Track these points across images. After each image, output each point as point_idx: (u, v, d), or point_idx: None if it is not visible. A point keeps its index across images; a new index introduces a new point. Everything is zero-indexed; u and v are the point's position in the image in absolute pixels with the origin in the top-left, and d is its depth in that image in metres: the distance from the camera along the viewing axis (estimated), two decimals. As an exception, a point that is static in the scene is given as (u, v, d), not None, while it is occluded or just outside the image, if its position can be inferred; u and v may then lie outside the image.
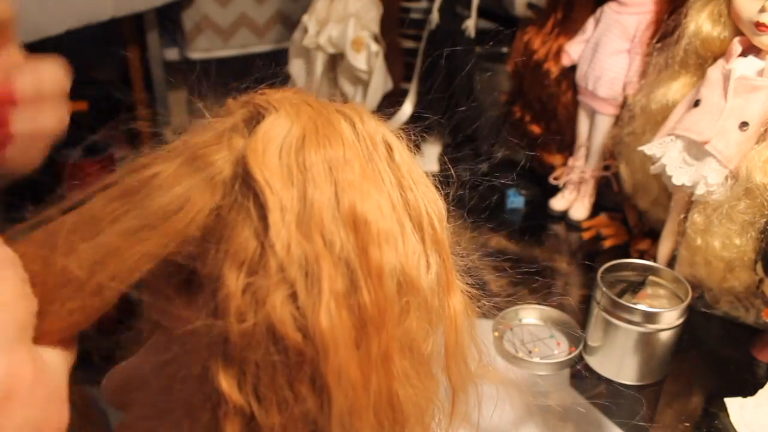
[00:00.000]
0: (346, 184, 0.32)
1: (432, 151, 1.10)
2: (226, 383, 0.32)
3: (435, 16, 1.08)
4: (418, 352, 0.35)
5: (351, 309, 0.32)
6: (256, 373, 0.32)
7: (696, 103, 0.75)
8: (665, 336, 0.70)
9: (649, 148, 0.78)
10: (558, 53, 0.98)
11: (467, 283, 0.40)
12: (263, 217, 0.31)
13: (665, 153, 0.76)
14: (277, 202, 0.31)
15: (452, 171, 0.43)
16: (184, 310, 0.33)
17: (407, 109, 1.12)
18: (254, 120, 0.34)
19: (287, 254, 0.31)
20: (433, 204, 0.36)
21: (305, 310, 0.31)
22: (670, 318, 0.70)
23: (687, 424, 0.69)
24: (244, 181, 0.32)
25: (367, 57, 1.11)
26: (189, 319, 0.32)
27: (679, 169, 0.75)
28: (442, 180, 0.39)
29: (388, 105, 1.14)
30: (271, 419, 0.32)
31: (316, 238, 0.31)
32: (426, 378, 0.36)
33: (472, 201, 0.43)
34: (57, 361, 0.33)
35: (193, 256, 0.32)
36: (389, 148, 0.35)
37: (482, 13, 1.12)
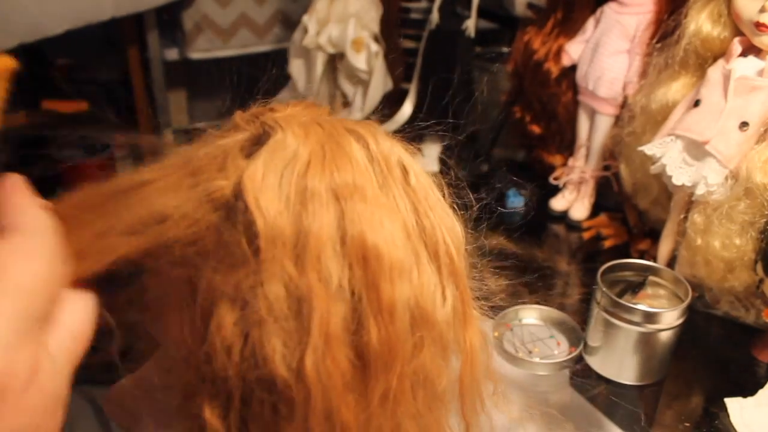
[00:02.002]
0: (354, 214, 0.30)
1: (432, 151, 1.10)
2: (209, 412, 0.30)
3: (435, 16, 1.08)
4: (432, 387, 0.33)
5: (352, 348, 0.30)
6: (241, 407, 0.30)
7: (696, 103, 0.75)
8: (665, 336, 0.70)
9: (649, 148, 0.78)
10: (558, 53, 0.98)
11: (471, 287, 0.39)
12: (256, 248, 0.29)
13: (665, 153, 0.76)
14: (269, 233, 0.29)
15: (453, 171, 0.42)
16: (178, 331, 0.32)
17: (407, 109, 1.12)
18: (260, 140, 0.32)
19: (277, 289, 0.29)
20: (450, 231, 0.34)
21: (293, 349, 0.29)
22: (670, 318, 0.69)
23: (687, 424, 0.69)
24: (239, 207, 0.30)
25: (367, 57, 1.11)
26: (181, 333, 0.31)
27: (679, 169, 0.75)
28: (444, 180, 0.38)
29: (388, 105, 1.14)
30: None
31: (311, 274, 0.29)
32: (438, 412, 0.34)
33: (472, 201, 0.43)
34: (62, 359, 0.29)
35: (190, 276, 0.31)
36: (405, 171, 0.33)
37: (482, 13, 1.12)
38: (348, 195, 0.30)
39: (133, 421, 0.37)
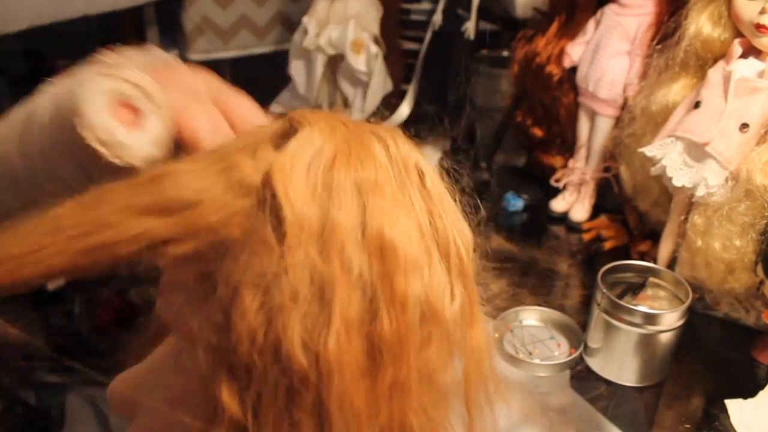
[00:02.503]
0: (375, 208, 0.31)
1: (432, 154, 1.10)
2: (227, 394, 0.31)
3: (438, 18, 1.08)
4: (437, 383, 0.34)
5: (366, 336, 0.31)
6: (259, 390, 0.31)
7: (696, 105, 0.75)
8: (665, 337, 0.70)
9: (649, 150, 0.78)
10: (560, 56, 0.98)
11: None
12: (282, 235, 0.30)
13: (666, 154, 0.76)
14: (296, 221, 0.30)
15: (452, 172, 0.43)
16: (196, 316, 0.33)
17: (404, 110, 1.13)
18: (288, 134, 0.33)
19: (301, 275, 0.30)
20: (461, 234, 0.35)
21: (314, 334, 0.30)
22: (671, 319, 0.69)
23: (687, 426, 0.69)
24: (268, 195, 0.31)
25: (366, 59, 1.11)
26: (200, 326, 0.32)
27: (679, 171, 0.75)
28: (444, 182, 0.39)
29: (388, 106, 1.14)
30: None
31: (334, 262, 0.30)
32: (442, 408, 0.35)
33: (473, 203, 0.43)
34: None
35: (212, 262, 0.32)
36: (421, 174, 0.35)
37: (484, 15, 1.12)
38: (370, 190, 0.32)
39: (137, 410, 0.38)
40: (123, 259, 0.31)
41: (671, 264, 0.83)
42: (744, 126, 0.71)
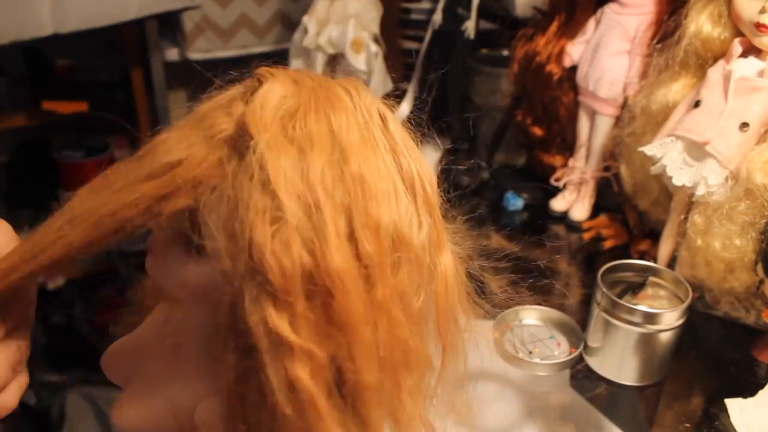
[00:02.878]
0: (346, 145, 0.34)
1: (432, 154, 1.10)
2: (282, 325, 0.32)
3: (438, 17, 1.08)
4: (409, 306, 0.37)
5: (356, 255, 0.33)
6: (304, 313, 0.33)
7: (696, 104, 0.75)
8: (665, 337, 0.70)
9: (649, 149, 0.78)
10: (560, 55, 0.98)
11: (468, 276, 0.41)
12: (267, 174, 0.32)
13: (665, 154, 0.76)
14: (276, 159, 0.32)
15: (452, 173, 0.43)
16: (194, 268, 0.35)
17: (404, 109, 1.12)
18: (256, 88, 0.36)
19: (291, 203, 0.32)
20: (424, 169, 0.38)
21: (317, 252, 0.32)
22: (671, 319, 0.69)
23: (687, 425, 0.69)
24: (245, 141, 0.33)
25: (366, 58, 1.11)
26: (201, 275, 0.34)
27: (679, 170, 0.75)
28: (444, 181, 0.40)
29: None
30: (321, 354, 0.33)
31: (318, 189, 0.33)
32: (415, 334, 0.37)
33: (473, 203, 0.44)
34: None
35: (200, 209, 0.34)
36: (383, 118, 0.38)
37: (484, 14, 1.12)
38: (341, 130, 0.35)
39: (130, 375, 0.39)
40: (128, 226, 0.34)
41: (671, 263, 0.83)
42: (744, 125, 0.71)
